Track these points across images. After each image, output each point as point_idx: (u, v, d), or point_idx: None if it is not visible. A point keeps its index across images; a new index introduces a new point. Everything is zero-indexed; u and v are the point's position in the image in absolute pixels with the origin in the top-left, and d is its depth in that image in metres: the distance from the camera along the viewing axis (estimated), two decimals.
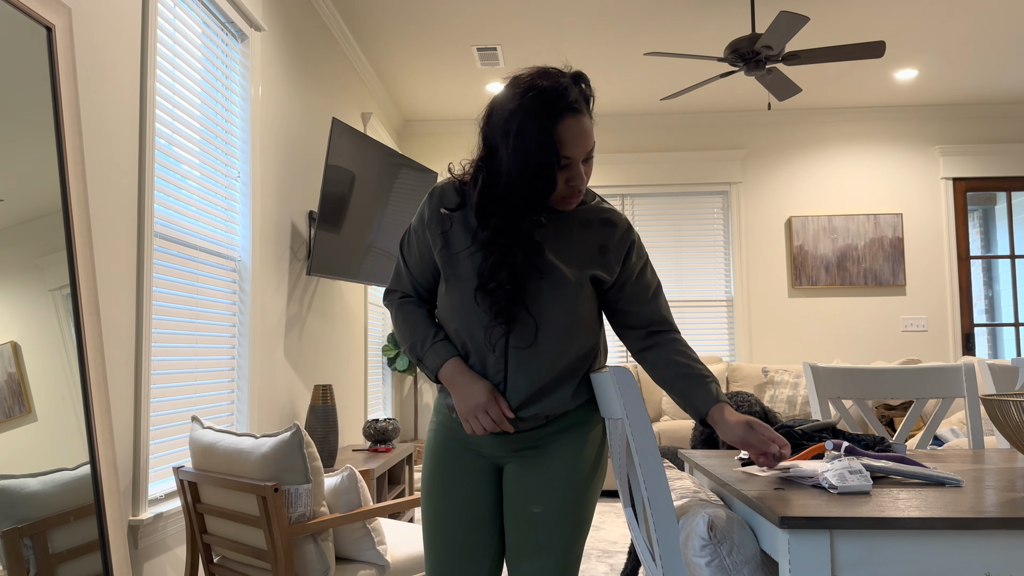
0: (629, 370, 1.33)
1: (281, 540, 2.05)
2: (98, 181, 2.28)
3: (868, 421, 2.41)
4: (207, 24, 3.09)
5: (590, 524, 1.68)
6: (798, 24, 3.74)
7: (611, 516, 4.84)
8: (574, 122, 1.50)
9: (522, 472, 1.63)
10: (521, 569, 1.61)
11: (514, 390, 1.57)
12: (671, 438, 5.47)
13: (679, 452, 2.45)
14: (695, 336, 6.55)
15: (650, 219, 6.65)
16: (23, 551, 1.82)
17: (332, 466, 3.62)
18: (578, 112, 1.50)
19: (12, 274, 1.90)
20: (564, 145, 1.49)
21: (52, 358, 1.99)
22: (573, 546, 1.61)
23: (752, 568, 1.36)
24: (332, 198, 3.92)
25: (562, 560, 1.59)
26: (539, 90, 1.49)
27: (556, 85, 1.50)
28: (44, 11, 2.02)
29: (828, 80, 5.87)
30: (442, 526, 1.65)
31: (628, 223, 1.68)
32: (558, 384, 1.60)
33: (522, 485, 1.63)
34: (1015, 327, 6.39)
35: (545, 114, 1.48)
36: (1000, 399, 1.64)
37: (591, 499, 1.65)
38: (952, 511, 1.24)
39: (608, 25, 4.85)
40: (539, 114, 1.48)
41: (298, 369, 3.93)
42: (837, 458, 1.49)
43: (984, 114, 6.48)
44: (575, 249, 1.61)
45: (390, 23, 4.79)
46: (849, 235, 6.42)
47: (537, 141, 1.47)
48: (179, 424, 2.77)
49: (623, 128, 6.68)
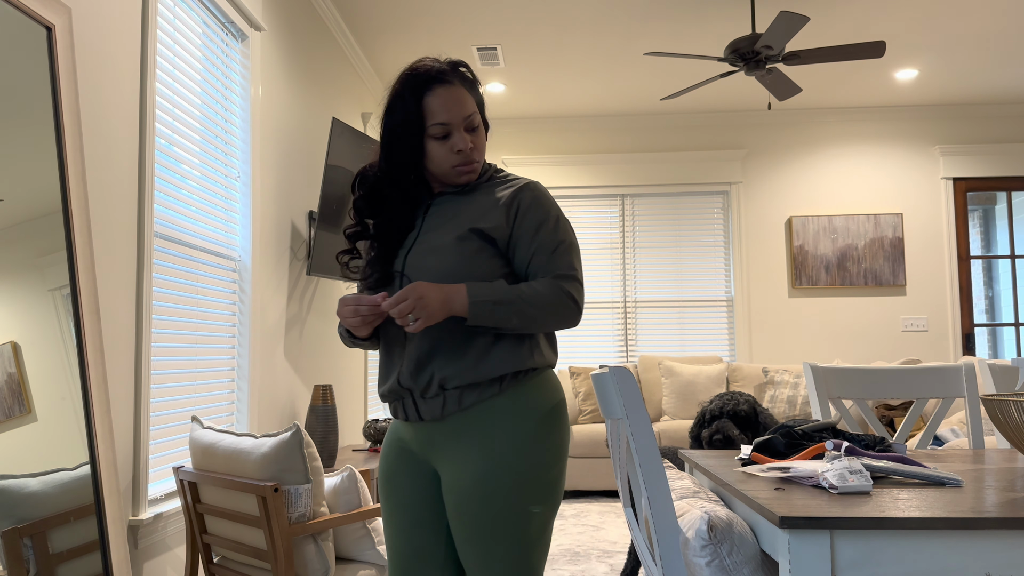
0: (629, 370, 1.33)
1: (281, 540, 2.05)
2: (98, 181, 2.28)
3: (868, 421, 2.41)
4: (207, 24, 3.09)
5: (540, 533, 1.54)
6: (798, 24, 3.74)
7: (611, 516, 4.84)
8: (443, 91, 1.57)
9: (448, 478, 1.55)
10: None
11: (409, 355, 1.56)
12: (671, 438, 5.47)
13: (679, 452, 2.45)
14: (695, 336, 6.56)
15: (650, 219, 6.65)
16: (23, 551, 1.82)
17: (332, 466, 3.62)
18: (448, 83, 1.57)
19: (12, 274, 1.90)
20: (434, 113, 1.56)
21: (52, 358, 1.99)
22: (517, 563, 1.50)
23: (752, 568, 1.36)
24: (332, 198, 3.92)
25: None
26: (407, 73, 1.59)
27: (423, 67, 1.59)
28: (44, 11, 2.02)
29: (828, 80, 5.87)
30: (388, 530, 1.64)
31: (528, 183, 1.61)
32: (453, 344, 1.53)
33: (449, 495, 1.54)
34: (1015, 327, 6.39)
35: (410, 89, 1.57)
36: (1000, 399, 1.64)
37: (525, 506, 1.51)
38: (952, 511, 1.24)
39: (608, 25, 4.85)
40: (404, 91, 1.58)
41: (298, 369, 3.93)
42: (837, 458, 1.49)
43: (984, 114, 6.48)
44: (461, 214, 1.61)
45: (390, 23, 4.79)
46: (849, 235, 6.42)
47: (403, 115, 1.57)
48: (179, 424, 2.77)
49: (623, 128, 6.68)
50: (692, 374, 5.90)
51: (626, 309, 6.60)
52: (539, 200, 1.60)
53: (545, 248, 1.57)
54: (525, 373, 1.57)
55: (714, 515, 1.38)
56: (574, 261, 1.58)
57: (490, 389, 1.54)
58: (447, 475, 1.55)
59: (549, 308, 1.53)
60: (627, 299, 6.61)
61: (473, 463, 1.52)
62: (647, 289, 6.60)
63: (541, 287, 1.53)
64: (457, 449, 1.54)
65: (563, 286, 1.55)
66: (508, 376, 1.55)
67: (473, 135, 1.61)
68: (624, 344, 6.58)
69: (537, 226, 1.58)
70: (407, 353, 1.56)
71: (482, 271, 1.56)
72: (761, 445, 1.75)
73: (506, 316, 1.50)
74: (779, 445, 1.74)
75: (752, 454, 1.74)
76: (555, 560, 3.80)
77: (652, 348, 6.58)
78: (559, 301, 1.54)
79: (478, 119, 1.62)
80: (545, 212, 1.59)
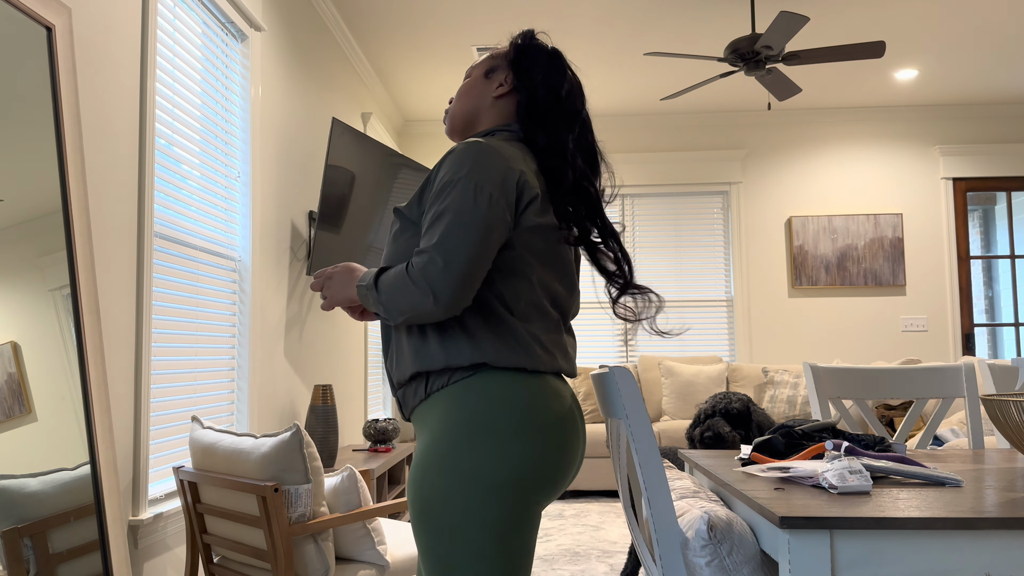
0: (629, 370, 1.33)
1: (281, 540, 2.05)
2: (98, 181, 2.28)
3: (868, 421, 2.41)
4: (207, 24, 3.09)
5: (455, 561, 1.27)
6: (798, 24, 3.74)
7: (611, 516, 4.84)
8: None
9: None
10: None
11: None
12: (671, 438, 5.47)
13: (679, 452, 2.45)
14: (695, 336, 6.56)
15: (650, 219, 6.65)
16: (23, 551, 1.82)
17: (332, 466, 3.62)
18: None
19: (12, 274, 1.90)
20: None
21: (52, 358, 1.99)
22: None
23: (752, 568, 1.36)
24: (332, 198, 3.92)
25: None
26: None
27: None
28: (44, 11, 2.02)
29: (828, 80, 5.87)
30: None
31: (456, 146, 1.39)
32: (399, 340, 1.42)
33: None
34: (1015, 327, 6.39)
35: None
36: (1000, 399, 1.64)
37: (435, 525, 1.28)
38: (952, 511, 1.24)
39: (608, 25, 4.85)
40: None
41: (298, 369, 3.93)
42: (837, 458, 1.49)
43: (984, 114, 6.48)
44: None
45: (390, 23, 4.79)
46: (849, 235, 6.42)
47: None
48: (179, 424, 2.77)
49: (623, 128, 6.68)
50: (692, 374, 5.90)
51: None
52: (448, 163, 1.36)
53: (427, 221, 1.35)
54: (452, 372, 1.35)
55: (714, 515, 1.38)
56: (442, 233, 1.30)
57: (416, 389, 1.39)
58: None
59: (394, 291, 1.31)
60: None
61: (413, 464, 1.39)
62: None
63: (395, 267, 1.35)
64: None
65: (411, 262, 1.31)
66: (428, 375, 1.37)
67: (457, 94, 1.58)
68: (624, 344, 6.58)
69: (433, 196, 1.35)
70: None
71: (404, 254, 1.41)
72: (761, 445, 1.75)
73: (375, 301, 1.34)
74: (779, 445, 1.74)
75: (752, 454, 1.74)
76: (555, 560, 3.80)
77: (652, 348, 6.58)
78: (399, 282, 1.31)
79: (474, 70, 1.57)
80: (444, 175, 1.35)
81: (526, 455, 1.29)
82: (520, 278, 1.38)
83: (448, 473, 1.29)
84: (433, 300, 1.27)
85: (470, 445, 1.29)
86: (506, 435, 1.29)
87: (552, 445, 1.32)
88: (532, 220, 1.38)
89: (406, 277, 1.30)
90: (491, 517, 1.27)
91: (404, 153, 6.73)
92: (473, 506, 1.27)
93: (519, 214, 1.37)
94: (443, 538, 1.28)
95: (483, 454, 1.28)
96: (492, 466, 1.28)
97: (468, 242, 1.28)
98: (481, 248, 1.29)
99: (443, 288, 1.27)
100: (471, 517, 1.27)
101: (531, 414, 1.31)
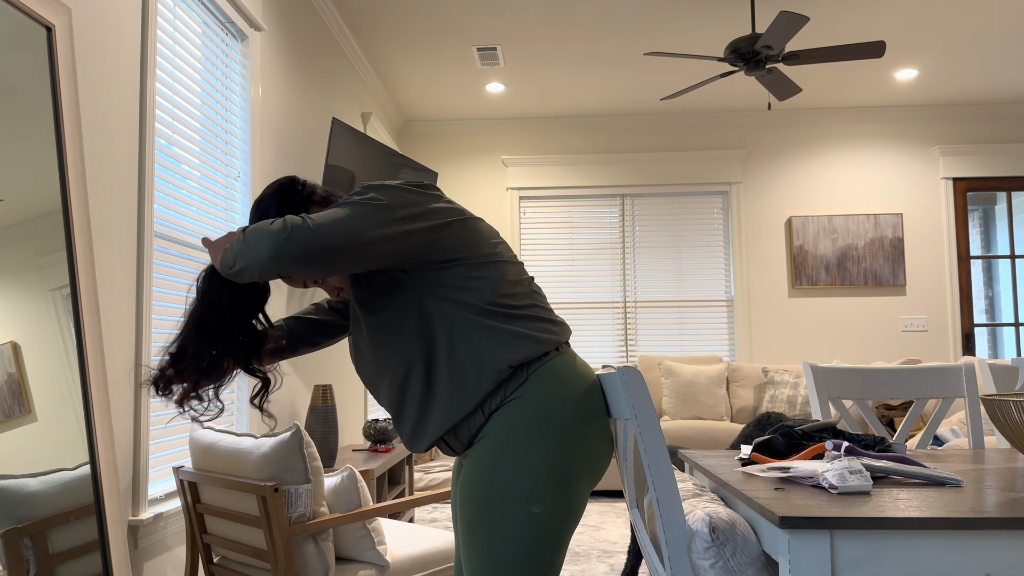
0: (638, 370, 1.33)
1: (281, 540, 2.05)
2: (98, 181, 2.28)
3: (868, 421, 2.41)
4: (207, 24, 3.09)
5: (505, 557, 1.36)
6: (798, 24, 3.74)
7: (611, 516, 4.84)
8: None
9: (460, 479, 1.47)
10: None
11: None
12: (672, 438, 5.47)
13: (679, 452, 2.45)
14: (695, 336, 6.55)
15: (650, 219, 6.65)
16: (23, 551, 1.82)
17: (332, 466, 3.62)
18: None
19: (12, 274, 1.90)
20: None
21: (52, 358, 1.99)
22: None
23: (757, 568, 1.36)
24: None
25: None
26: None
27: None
28: (44, 11, 2.02)
29: (828, 80, 5.87)
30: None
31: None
32: (424, 401, 1.49)
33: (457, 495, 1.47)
34: (1015, 327, 6.39)
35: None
36: (1000, 399, 1.64)
37: (488, 531, 1.37)
38: (952, 511, 1.24)
39: (608, 25, 4.85)
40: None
41: (298, 369, 3.93)
42: (837, 458, 1.49)
43: (984, 114, 6.48)
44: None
45: (390, 23, 4.79)
46: (849, 235, 6.42)
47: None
48: (179, 424, 2.77)
49: (623, 128, 6.68)
50: (692, 374, 5.91)
51: (626, 309, 6.60)
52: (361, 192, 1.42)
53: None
54: (507, 383, 1.42)
55: (716, 516, 1.38)
56: (322, 214, 1.34)
57: (470, 423, 1.44)
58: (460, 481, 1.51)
59: (258, 230, 1.33)
60: (627, 299, 6.61)
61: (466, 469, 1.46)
62: (647, 289, 6.61)
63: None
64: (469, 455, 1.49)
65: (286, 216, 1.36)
66: (483, 402, 1.43)
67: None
68: (624, 344, 6.58)
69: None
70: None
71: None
72: (761, 445, 1.75)
73: (236, 243, 1.36)
74: (779, 445, 1.74)
75: (752, 454, 1.74)
76: None
77: (652, 348, 6.58)
78: (264, 224, 1.34)
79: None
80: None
81: (588, 434, 1.42)
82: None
83: (521, 467, 1.38)
84: (287, 237, 1.29)
85: (537, 436, 1.39)
86: (546, 425, 1.40)
87: (597, 405, 1.46)
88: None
89: (274, 223, 1.32)
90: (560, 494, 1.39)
91: (404, 153, 6.73)
92: (544, 493, 1.37)
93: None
94: (517, 526, 1.36)
95: (540, 442, 1.39)
96: (544, 449, 1.39)
97: (344, 231, 1.33)
98: (353, 241, 1.33)
99: (301, 241, 1.30)
100: (545, 504, 1.38)
101: (576, 400, 1.43)
